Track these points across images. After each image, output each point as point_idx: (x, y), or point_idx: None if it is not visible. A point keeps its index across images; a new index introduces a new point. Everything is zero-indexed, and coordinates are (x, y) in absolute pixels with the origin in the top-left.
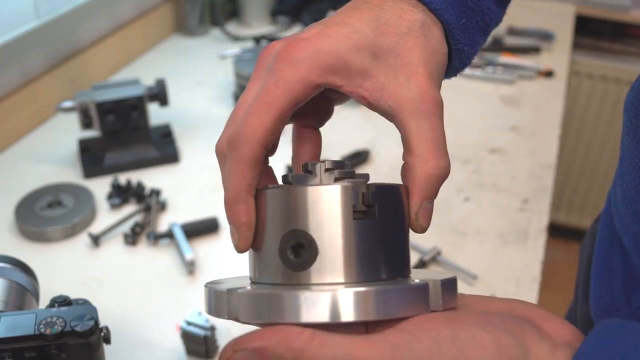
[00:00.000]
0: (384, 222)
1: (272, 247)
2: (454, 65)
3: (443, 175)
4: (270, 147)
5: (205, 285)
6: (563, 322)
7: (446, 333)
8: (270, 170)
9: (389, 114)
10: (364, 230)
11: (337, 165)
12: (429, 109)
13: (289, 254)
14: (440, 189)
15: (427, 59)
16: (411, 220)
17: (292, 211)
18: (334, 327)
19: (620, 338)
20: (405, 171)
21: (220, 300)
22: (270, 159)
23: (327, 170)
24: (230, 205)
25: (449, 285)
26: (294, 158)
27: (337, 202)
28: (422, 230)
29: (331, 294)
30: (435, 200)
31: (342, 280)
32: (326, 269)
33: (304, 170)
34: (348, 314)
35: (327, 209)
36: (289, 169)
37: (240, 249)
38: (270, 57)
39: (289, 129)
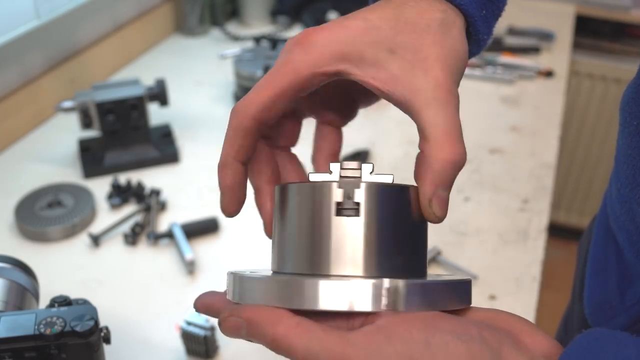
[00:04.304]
0: (390, 221)
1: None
2: (471, 52)
3: (458, 162)
4: (270, 123)
5: (229, 273)
6: (544, 335)
7: (419, 337)
8: (295, 159)
9: (403, 104)
10: (352, 227)
11: (351, 164)
12: (445, 98)
13: None
14: None
15: (445, 55)
16: (424, 207)
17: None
18: (327, 316)
19: (600, 348)
20: (419, 160)
21: (240, 285)
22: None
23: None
24: (218, 169)
25: (458, 287)
26: (313, 154)
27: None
28: (437, 219)
29: (347, 284)
30: None
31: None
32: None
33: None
34: (361, 304)
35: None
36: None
37: (224, 212)
38: (290, 42)
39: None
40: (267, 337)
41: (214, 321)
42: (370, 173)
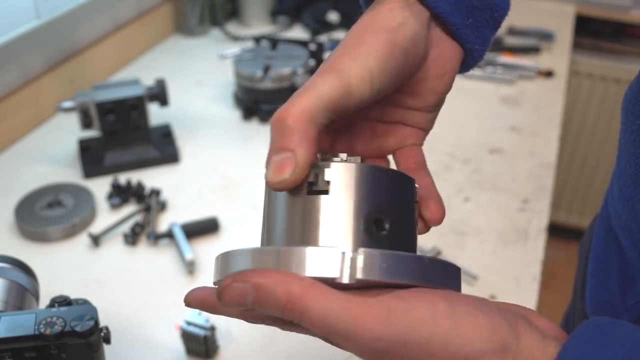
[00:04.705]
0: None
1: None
2: (466, 63)
3: (277, 120)
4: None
5: (216, 258)
6: (550, 321)
7: (442, 306)
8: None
9: None
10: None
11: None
12: (315, 77)
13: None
14: (440, 188)
15: (351, 45)
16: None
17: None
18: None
19: (609, 332)
20: None
21: (226, 261)
22: None
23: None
24: None
25: (451, 268)
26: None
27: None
28: (272, 185)
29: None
30: None
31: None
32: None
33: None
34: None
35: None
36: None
37: None
38: None
39: None
40: (279, 301)
41: (214, 321)
42: (344, 161)
